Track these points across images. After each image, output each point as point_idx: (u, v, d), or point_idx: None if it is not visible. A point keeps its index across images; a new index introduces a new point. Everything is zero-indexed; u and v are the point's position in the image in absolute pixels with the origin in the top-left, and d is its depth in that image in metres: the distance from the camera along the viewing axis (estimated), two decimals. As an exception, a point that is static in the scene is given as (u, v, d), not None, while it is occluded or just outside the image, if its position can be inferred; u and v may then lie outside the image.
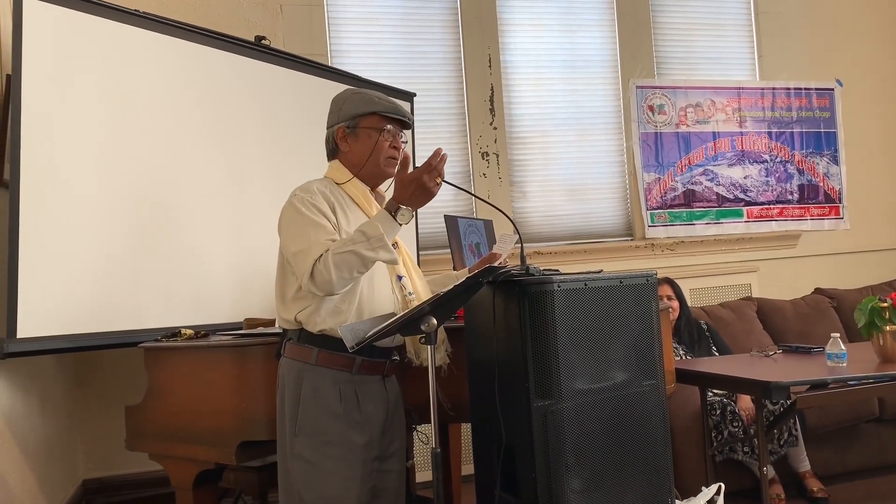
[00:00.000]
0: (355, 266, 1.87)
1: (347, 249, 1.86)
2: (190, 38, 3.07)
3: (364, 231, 1.88)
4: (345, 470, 1.95)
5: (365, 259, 1.87)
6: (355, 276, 1.90)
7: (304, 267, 1.89)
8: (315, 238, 1.91)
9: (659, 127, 4.81)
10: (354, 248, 1.86)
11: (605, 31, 4.81)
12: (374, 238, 1.87)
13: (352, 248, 1.86)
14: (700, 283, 4.78)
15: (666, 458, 2.03)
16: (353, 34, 4.35)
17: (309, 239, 1.91)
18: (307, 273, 1.87)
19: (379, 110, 2.08)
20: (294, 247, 1.94)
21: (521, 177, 4.61)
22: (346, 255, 1.85)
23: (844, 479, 3.71)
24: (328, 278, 1.85)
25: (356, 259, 1.86)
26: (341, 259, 1.85)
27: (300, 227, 1.94)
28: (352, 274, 1.88)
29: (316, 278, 1.87)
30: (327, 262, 1.85)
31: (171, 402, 2.45)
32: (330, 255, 1.86)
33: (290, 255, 1.96)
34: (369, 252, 1.87)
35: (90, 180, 2.69)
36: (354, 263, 1.87)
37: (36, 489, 2.89)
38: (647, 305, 2.03)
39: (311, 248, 1.89)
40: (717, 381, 3.11)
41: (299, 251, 1.92)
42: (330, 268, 1.84)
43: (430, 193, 1.95)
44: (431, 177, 1.93)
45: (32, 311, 2.47)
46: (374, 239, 1.87)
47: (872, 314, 2.92)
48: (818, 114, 5.17)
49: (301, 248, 1.92)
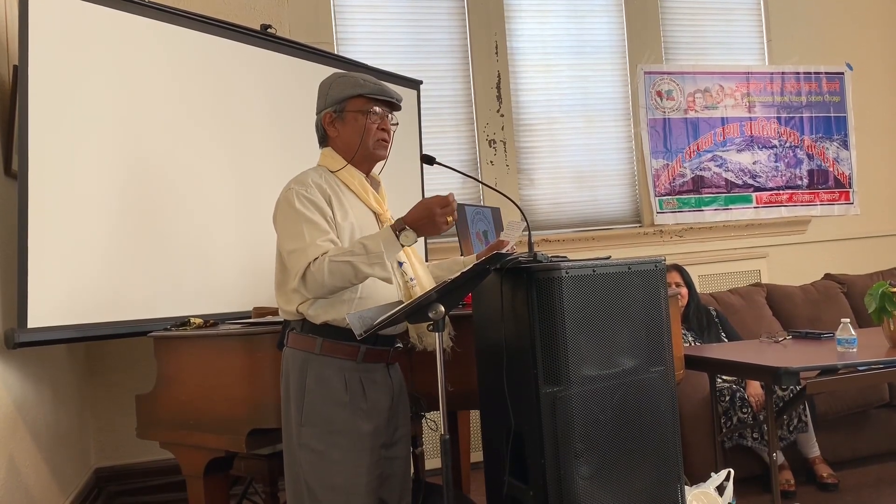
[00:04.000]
0: (348, 277, 1.88)
1: (345, 259, 1.86)
2: (196, 28, 3.07)
3: (365, 245, 1.88)
4: (352, 458, 1.96)
5: (359, 272, 1.87)
6: (346, 285, 1.91)
7: (298, 267, 1.89)
8: (311, 238, 1.90)
9: (667, 113, 4.78)
10: (353, 259, 1.86)
11: (613, 17, 4.78)
12: (373, 254, 1.87)
13: (350, 259, 1.86)
14: (709, 269, 4.76)
15: (675, 444, 2.03)
16: (360, 22, 4.33)
17: (304, 238, 1.90)
18: (299, 274, 1.88)
19: (364, 92, 2.06)
20: (289, 245, 1.94)
21: (528, 164, 4.60)
22: (342, 265, 1.86)
23: (854, 464, 3.70)
24: (320, 282, 1.86)
25: (351, 270, 1.86)
26: (337, 268, 1.85)
27: (295, 223, 1.94)
28: (343, 283, 1.89)
29: (307, 280, 1.88)
30: (322, 267, 1.85)
31: (181, 390, 2.46)
32: (326, 260, 1.86)
33: (285, 253, 1.96)
34: (366, 267, 1.87)
35: (98, 170, 2.69)
36: (348, 274, 1.87)
37: (48, 477, 2.91)
38: (655, 292, 2.03)
39: (307, 249, 1.89)
40: (726, 368, 3.11)
41: (294, 250, 1.92)
42: (324, 273, 1.85)
43: (436, 228, 1.94)
44: (444, 212, 1.92)
45: (42, 301, 2.48)
46: (373, 255, 1.87)
47: (883, 299, 2.90)
48: (828, 98, 5.13)
49: (296, 246, 1.91)
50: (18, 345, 2.42)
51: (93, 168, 2.68)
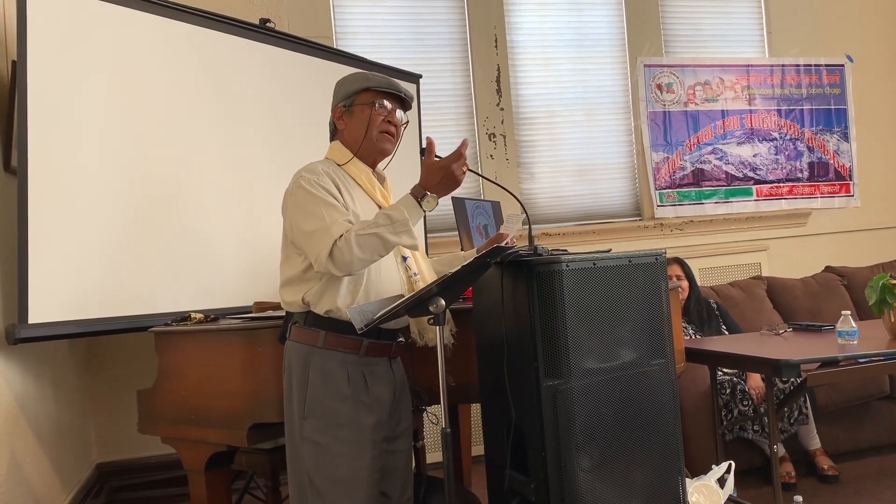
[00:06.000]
0: (377, 249, 1.87)
1: (371, 231, 1.86)
2: (195, 22, 3.06)
3: (389, 215, 1.88)
4: (354, 451, 1.96)
5: (387, 243, 1.87)
6: (375, 258, 1.90)
7: (322, 246, 1.87)
8: (332, 217, 1.90)
9: (667, 106, 4.77)
10: (378, 230, 1.86)
11: (612, 9, 4.77)
12: (399, 222, 1.86)
13: (376, 231, 1.86)
14: (709, 262, 4.76)
15: (676, 436, 2.03)
16: (358, 16, 4.32)
17: (325, 218, 1.89)
18: (325, 251, 1.86)
19: (371, 85, 2.07)
20: (309, 226, 1.92)
21: (528, 158, 4.59)
22: (369, 238, 1.85)
23: (855, 456, 3.71)
24: (349, 258, 1.85)
25: (379, 242, 1.86)
26: (364, 241, 1.85)
27: (313, 206, 1.92)
28: (372, 256, 1.89)
29: (335, 257, 1.85)
30: (349, 241, 1.84)
31: (182, 385, 2.46)
32: (353, 235, 1.85)
33: (304, 235, 1.93)
34: (392, 236, 1.86)
35: (98, 165, 2.69)
36: (376, 246, 1.87)
37: (50, 473, 2.92)
38: (656, 285, 2.02)
39: (331, 227, 1.88)
40: (726, 360, 3.11)
41: (316, 230, 1.90)
42: (353, 248, 1.84)
43: (456, 181, 1.94)
44: (460, 165, 1.92)
45: (43, 296, 2.48)
46: (398, 223, 1.86)
47: (883, 291, 2.90)
48: (828, 90, 5.11)
49: (318, 226, 1.90)
50: (19, 340, 2.42)
51: (92, 163, 2.68)
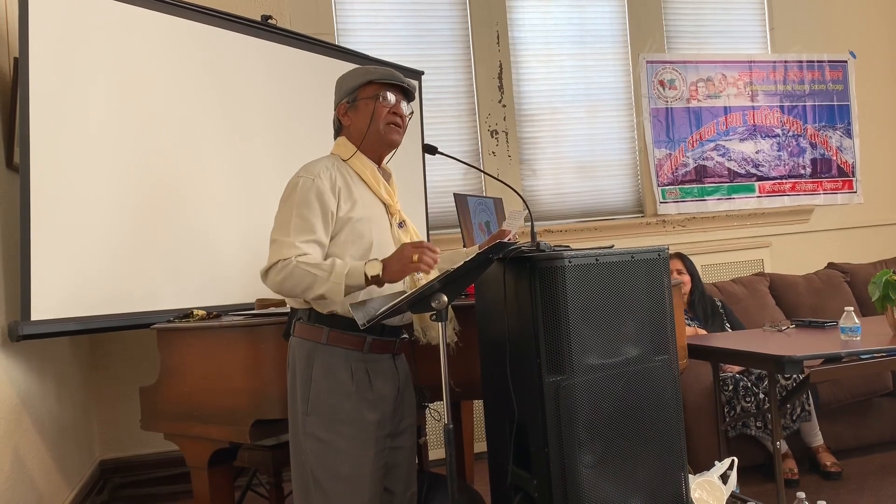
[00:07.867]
0: (304, 287, 1.89)
1: (309, 270, 1.88)
2: (196, 18, 3.06)
3: (334, 265, 1.89)
4: (358, 448, 1.96)
5: (313, 289, 1.89)
6: (297, 293, 1.93)
7: (270, 258, 1.93)
8: (294, 236, 1.92)
9: (669, 102, 4.76)
10: (317, 272, 1.88)
11: (615, 5, 4.75)
12: (335, 274, 1.87)
13: (314, 272, 1.88)
14: (712, 259, 4.75)
15: (678, 433, 2.03)
16: (360, 12, 4.32)
17: (288, 234, 1.93)
18: (267, 264, 1.93)
19: (374, 78, 2.07)
20: (274, 233, 1.98)
21: (530, 154, 4.59)
22: (305, 274, 1.88)
23: (858, 453, 3.70)
24: (278, 280, 1.91)
25: (308, 283, 1.88)
26: (299, 272, 1.88)
27: (287, 214, 1.96)
28: (295, 292, 1.92)
29: (270, 275, 1.92)
30: (287, 267, 1.88)
31: (184, 382, 2.46)
32: (293, 263, 1.88)
33: (271, 237, 1.98)
34: (320, 287, 1.88)
35: (100, 162, 2.69)
36: (305, 287, 1.89)
37: (53, 470, 2.92)
38: (659, 280, 2.02)
39: (283, 247, 1.91)
40: (729, 356, 3.10)
41: (275, 240, 1.95)
42: (285, 274, 1.88)
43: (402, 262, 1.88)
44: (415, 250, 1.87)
45: (46, 293, 2.49)
46: (335, 275, 1.87)
47: (887, 287, 2.89)
48: (831, 87, 5.10)
49: (276, 238, 1.95)
50: (22, 337, 2.43)
51: (94, 160, 2.68)
